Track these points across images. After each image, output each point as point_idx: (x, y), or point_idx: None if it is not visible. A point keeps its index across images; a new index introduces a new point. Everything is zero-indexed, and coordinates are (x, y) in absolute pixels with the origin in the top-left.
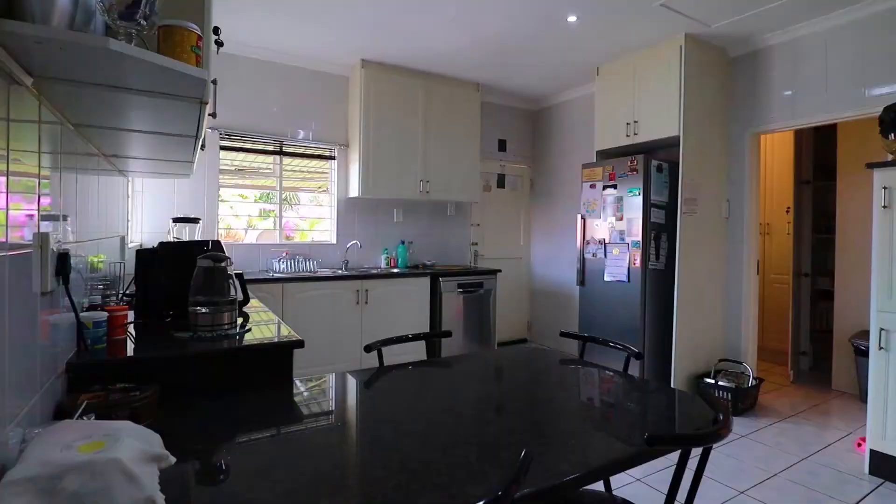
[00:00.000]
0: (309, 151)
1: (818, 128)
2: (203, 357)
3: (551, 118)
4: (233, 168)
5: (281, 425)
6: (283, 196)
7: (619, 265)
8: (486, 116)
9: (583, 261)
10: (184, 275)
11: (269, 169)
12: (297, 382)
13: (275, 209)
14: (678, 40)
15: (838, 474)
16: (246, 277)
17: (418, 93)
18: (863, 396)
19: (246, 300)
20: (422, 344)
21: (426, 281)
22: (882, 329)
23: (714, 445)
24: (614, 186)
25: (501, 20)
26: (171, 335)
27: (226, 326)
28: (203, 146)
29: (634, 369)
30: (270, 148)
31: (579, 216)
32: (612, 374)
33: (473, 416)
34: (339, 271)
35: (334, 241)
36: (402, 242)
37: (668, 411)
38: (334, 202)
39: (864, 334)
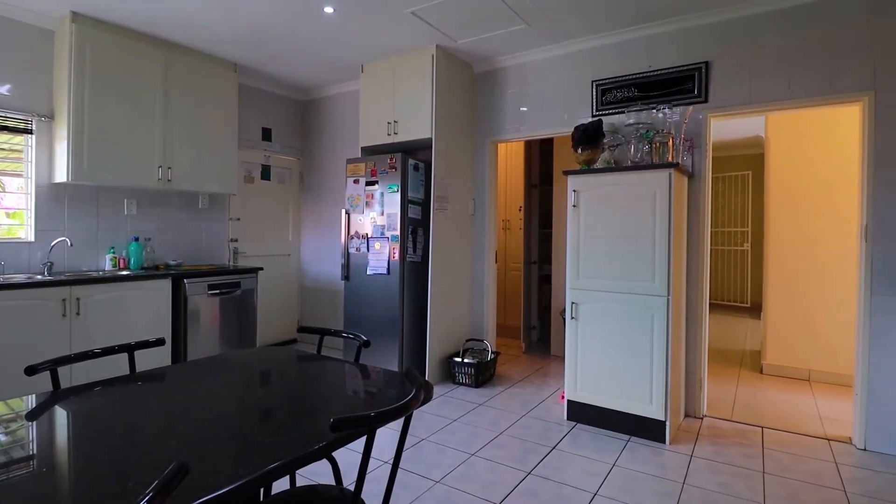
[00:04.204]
0: None
1: (543, 140)
2: None
3: (321, 111)
4: None
5: None
6: None
7: (381, 259)
8: (247, 102)
9: (347, 255)
10: None
11: None
12: None
13: None
14: (430, 50)
15: (545, 423)
16: None
17: (156, 63)
18: None
19: None
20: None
21: (167, 283)
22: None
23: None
24: (376, 182)
25: None
26: None
27: None
28: None
29: (390, 357)
30: None
31: (344, 211)
32: (341, 364)
33: (156, 436)
34: (39, 276)
35: (32, 239)
36: (136, 239)
37: (383, 393)
38: (32, 188)
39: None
